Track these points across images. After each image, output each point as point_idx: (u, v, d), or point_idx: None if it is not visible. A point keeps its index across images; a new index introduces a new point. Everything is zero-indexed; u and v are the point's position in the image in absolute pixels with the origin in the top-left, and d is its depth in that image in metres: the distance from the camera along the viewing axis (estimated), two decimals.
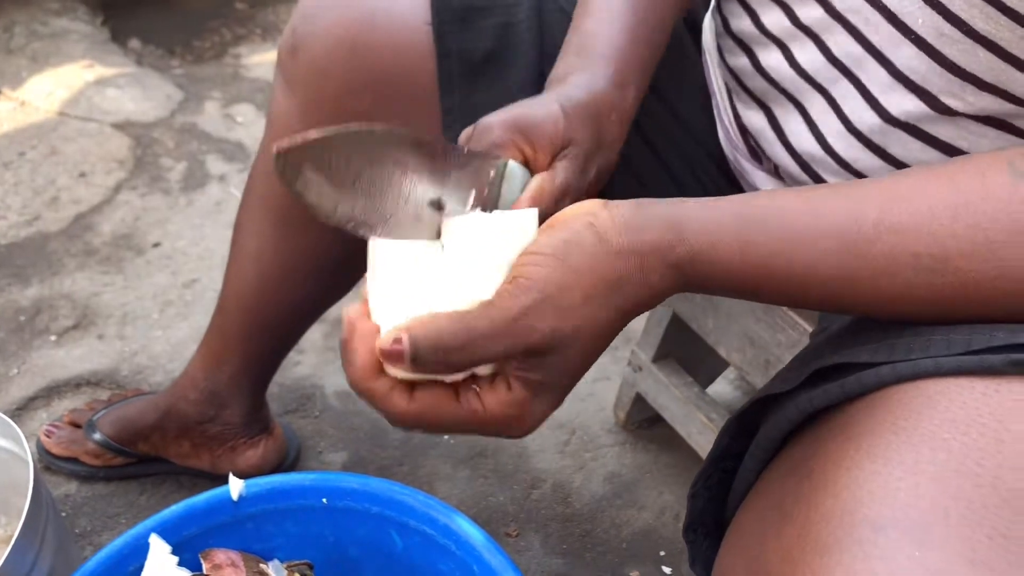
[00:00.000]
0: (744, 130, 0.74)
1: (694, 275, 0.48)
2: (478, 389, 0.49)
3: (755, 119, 0.72)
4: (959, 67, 0.56)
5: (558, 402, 0.51)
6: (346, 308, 0.50)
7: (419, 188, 0.52)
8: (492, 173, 0.56)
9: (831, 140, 0.66)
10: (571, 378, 0.50)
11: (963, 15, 0.54)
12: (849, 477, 0.40)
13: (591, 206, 0.49)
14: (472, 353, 0.46)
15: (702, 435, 1.11)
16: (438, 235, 0.54)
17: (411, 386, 0.50)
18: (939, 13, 0.55)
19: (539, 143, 0.57)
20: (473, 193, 0.55)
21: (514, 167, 0.57)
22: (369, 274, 0.52)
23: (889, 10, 0.58)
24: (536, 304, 0.46)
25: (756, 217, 0.48)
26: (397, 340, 0.46)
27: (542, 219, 0.52)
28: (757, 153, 0.74)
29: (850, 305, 0.48)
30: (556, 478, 1.21)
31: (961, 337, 0.44)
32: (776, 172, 0.73)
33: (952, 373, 0.42)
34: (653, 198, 0.49)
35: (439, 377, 0.50)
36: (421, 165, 0.52)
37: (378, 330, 0.49)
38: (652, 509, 1.19)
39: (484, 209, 0.55)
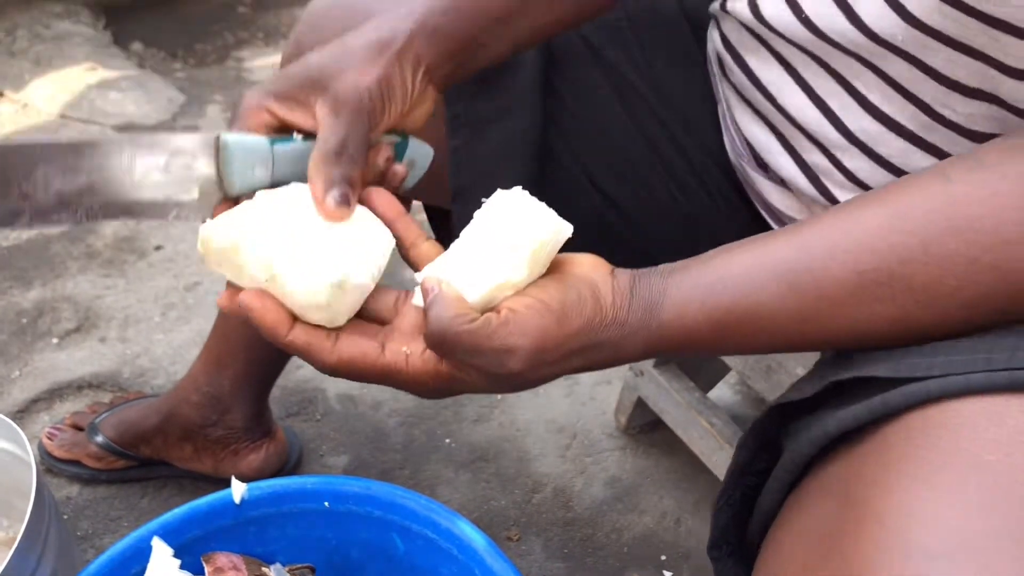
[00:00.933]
0: (749, 141, 0.75)
1: (668, 346, 0.51)
2: (408, 352, 0.51)
3: (758, 132, 0.73)
4: (944, 76, 0.57)
5: (474, 393, 0.53)
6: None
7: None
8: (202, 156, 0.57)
9: (835, 152, 0.66)
10: (499, 391, 0.53)
11: (936, 25, 0.54)
12: (893, 502, 0.39)
13: (599, 275, 0.52)
14: (446, 348, 0.49)
15: (703, 440, 1.11)
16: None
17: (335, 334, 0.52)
18: (915, 27, 0.55)
19: (283, 95, 0.58)
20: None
21: (227, 140, 0.56)
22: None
23: (871, 30, 0.59)
24: (521, 347, 0.48)
25: (715, 278, 0.50)
26: (437, 281, 0.50)
27: (342, 176, 0.55)
28: (763, 162, 0.74)
29: (818, 339, 0.49)
30: (557, 482, 1.22)
31: (981, 356, 0.43)
32: (783, 181, 0.73)
33: (982, 390, 0.42)
34: (648, 268, 0.52)
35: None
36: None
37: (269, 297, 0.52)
38: (653, 513, 1.19)
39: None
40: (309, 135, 0.58)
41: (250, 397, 1.06)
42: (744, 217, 0.79)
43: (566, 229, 0.51)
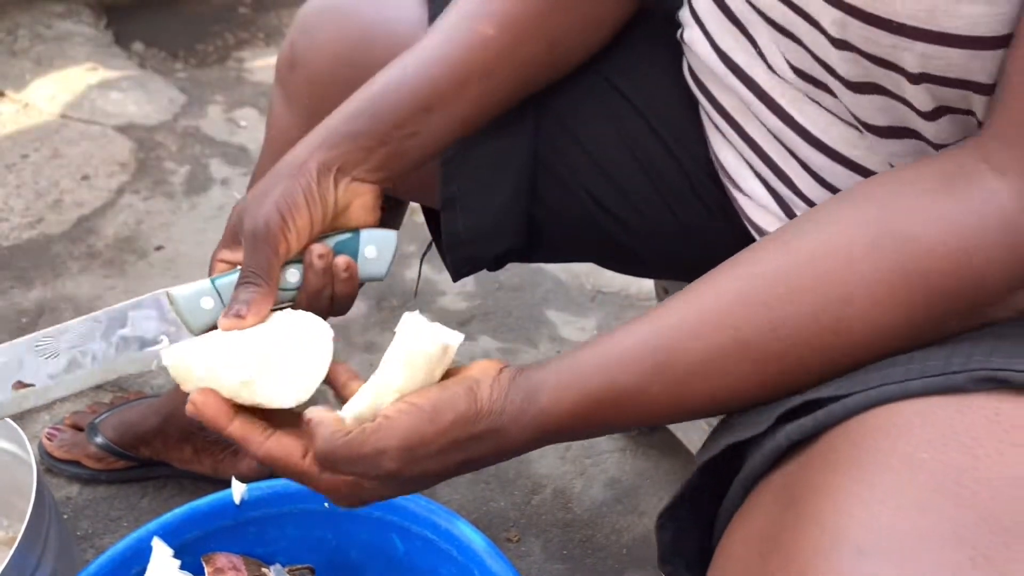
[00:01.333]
0: (721, 163, 0.75)
1: (550, 431, 0.53)
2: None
3: (728, 156, 0.73)
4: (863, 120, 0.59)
5: (386, 498, 0.57)
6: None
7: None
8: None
9: (796, 181, 0.68)
10: (407, 491, 0.57)
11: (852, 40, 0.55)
12: (832, 503, 0.40)
13: (483, 374, 0.54)
14: (335, 463, 0.53)
15: (702, 441, 1.11)
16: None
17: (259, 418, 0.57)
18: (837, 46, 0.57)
19: (226, 248, 0.66)
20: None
21: (174, 293, 0.64)
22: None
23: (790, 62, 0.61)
24: (393, 448, 0.51)
25: (584, 362, 0.52)
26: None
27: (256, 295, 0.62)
28: (737, 184, 0.74)
29: (690, 410, 0.52)
30: (557, 484, 1.22)
31: (938, 362, 0.45)
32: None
33: (919, 395, 0.43)
34: (534, 363, 0.55)
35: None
36: None
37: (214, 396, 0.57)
38: (652, 515, 1.19)
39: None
40: None
41: None
42: (740, 227, 0.79)
43: (453, 340, 0.54)
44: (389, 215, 0.95)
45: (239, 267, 0.63)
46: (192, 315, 0.64)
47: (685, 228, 0.80)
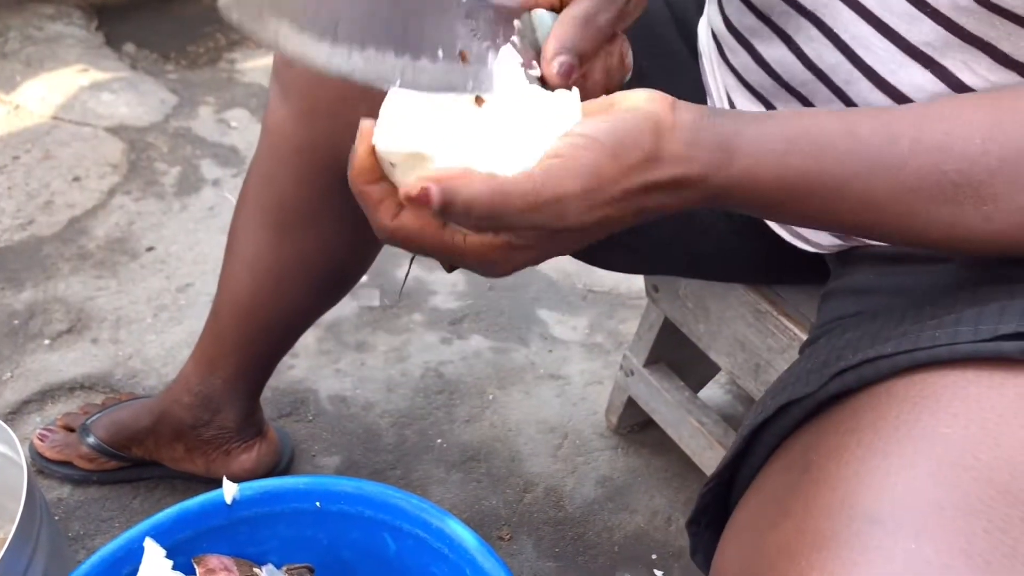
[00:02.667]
0: None
1: (728, 197, 0.48)
2: (465, 232, 0.48)
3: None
4: (977, 37, 0.56)
5: (539, 261, 0.51)
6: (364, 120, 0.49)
7: (437, 36, 0.50)
8: (518, 25, 0.55)
9: None
10: (565, 250, 0.50)
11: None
12: (848, 471, 0.40)
13: (660, 106, 0.48)
14: (499, 222, 0.45)
15: (693, 439, 1.12)
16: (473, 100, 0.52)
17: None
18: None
19: None
20: (508, 47, 0.54)
21: (541, 15, 0.56)
22: (386, 104, 0.50)
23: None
24: (573, 193, 0.45)
25: (797, 135, 0.48)
26: (425, 190, 0.44)
27: (578, 45, 0.52)
28: None
29: (879, 226, 0.48)
30: (548, 482, 1.22)
31: (987, 327, 0.44)
32: None
33: (965, 360, 0.43)
34: (712, 108, 0.49)
35: None
36: (442, 11, 0.50)
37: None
38: (644, 512, 1.20)
39: (524, 65, 0.54)
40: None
41: (242, 397, 1.07)
42: (740, 217, 0.80)
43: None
44: None
45: (536, 10, 0.56)
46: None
47: (682, 214, 0.80)
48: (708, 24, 0.78)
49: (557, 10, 0.57)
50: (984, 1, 0.53)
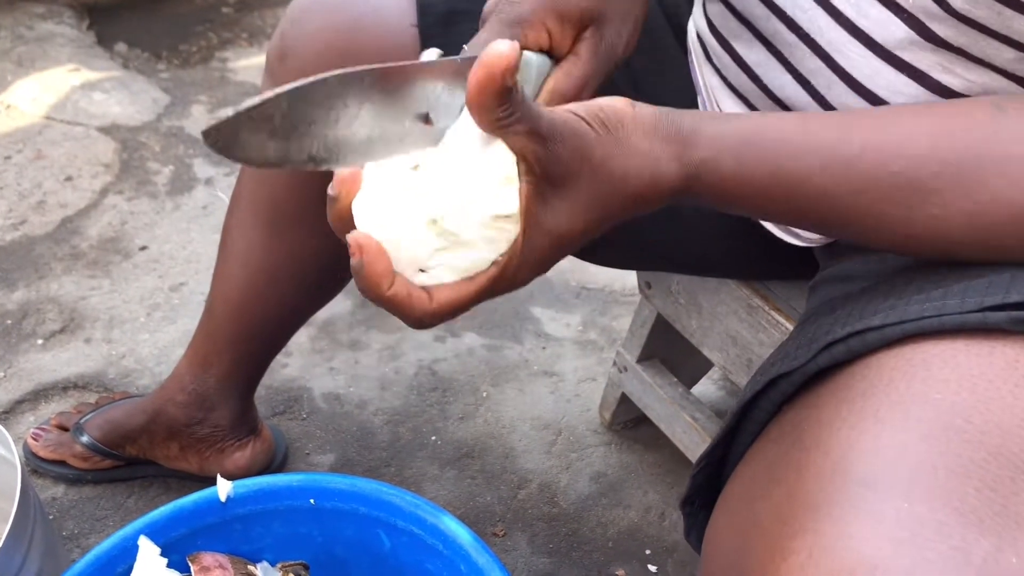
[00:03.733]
0: None
1: (697, 184, 0.50)
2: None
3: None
4: (947, 42, 0.57)
5: (541, 272, 0.52)
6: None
7: (393, 111, 0.50)
8: None
9: None
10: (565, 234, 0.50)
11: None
12: (840, 437, 0.41)
13: (619, 102, 0.50)
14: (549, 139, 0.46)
15: (687, 435, 1.12)
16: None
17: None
18: None
19: (568, 17, 0.57)
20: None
21: (529, 57, 0.56)
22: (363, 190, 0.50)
23: None
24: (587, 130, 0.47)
25: (754, 132, 0.50)
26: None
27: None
28: None
29: (836, 224, 0.50)
30: (542, 478, 1.22)
31: (974, 299, 0.45)
32: None
33: (954, 331, 0.43)
34: (673, 108, 0.51)
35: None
36: (398, 89, 0.50)
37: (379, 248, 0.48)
38: (638, 508, 1.20)
39: None
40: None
41: (236, 395, 1.07)
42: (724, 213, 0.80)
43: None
44: None
45: (526, 51, 0.56)
46: (525, 84, 0.56)
47: (671, 210, 0.81)
48: (695, 24, 0.79)
49: (547, 52, 0.58)
50: (953, 11, 0.54)
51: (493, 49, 0.42)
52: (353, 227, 0.48)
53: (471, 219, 0.47)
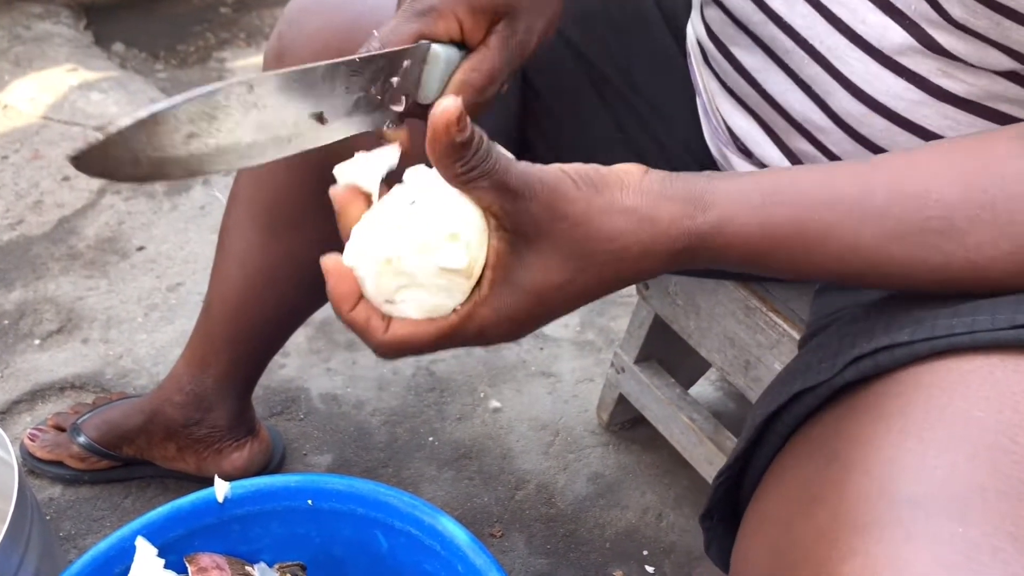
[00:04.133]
0: (731, 130, 0.75)
1: (710, 246, 0.48)
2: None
3: (741, 121, 0.73)
4: (946, 49, 0.57)
5: (519, 329, 0.51)
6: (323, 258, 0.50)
7: (285, 113, 0.52)
8: (407, 63, 0.55)
9: (819, 136, 0.67)
10: (543, 307, 0.50)
11: (942, 3, 0.54)
12: (882, 456, 0.40)
13: (632, 167, 0.49)
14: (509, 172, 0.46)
15: (684, 435, 1.12)
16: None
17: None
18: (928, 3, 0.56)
19: (479, 7, 0.57)
20: (394, 82, 0.55)
21: (437, 50, 0.57)
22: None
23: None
24: (576, 181, 0.47)
25: (774, 188, 0.48)
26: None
27: (472, 106, 0.55)
28: (746, 150, 0.75)
29: (859, 273, 0.49)
30: (540, 479, 1.22)
31: (1005, 316, 0.44)
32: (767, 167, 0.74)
33: (986, 347, 0.43)
34: (688, 172, 0.50)
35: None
36: (293, 91, 0.51)
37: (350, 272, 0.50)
38: (635, 509, 1.20)
39: (396, 104, 0.56)
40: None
41: (233, 396, 1.07)
42: None
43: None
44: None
45: (435, 44, 0.57)
46: (432, 80, 0.57)
47: None
48: (693, 28, 0.79)
49: (457, 43, 0.58)
50: (953, 20, 0.54)
51: (438, 106, 0.43)
52: (353, 303, 0.50)
53: (423, 265, 0.48)
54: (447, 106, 0.43)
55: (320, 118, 0.53)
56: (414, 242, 0.48)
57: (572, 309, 0.50)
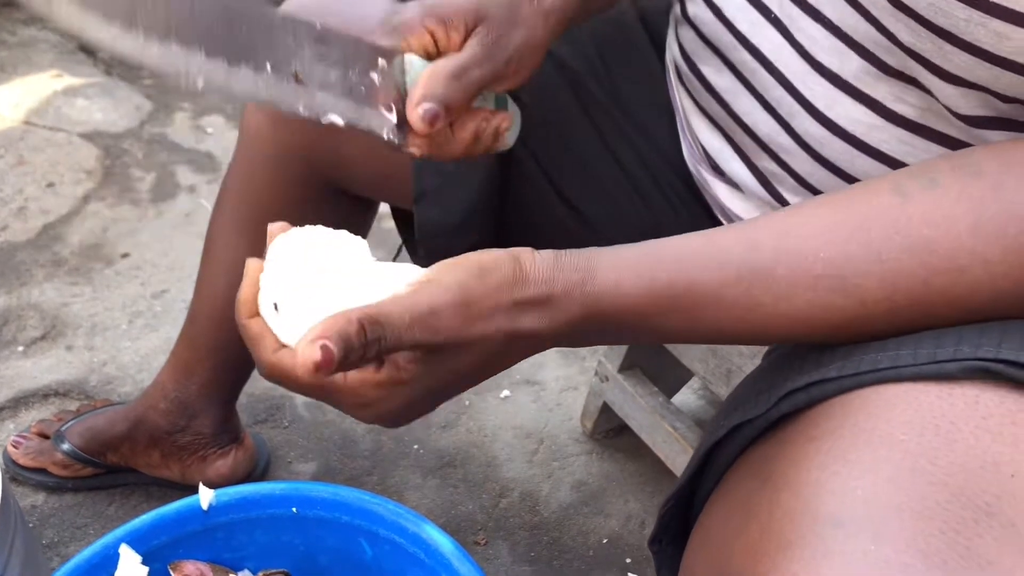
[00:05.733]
0: (704, 147, 0.76)
1: (600, 312, 0.49)
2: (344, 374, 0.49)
3: (712, 139, 0.74)
4: (901, 72, 0.58)
5: (422, 405, 0.51)
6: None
7: (267, 49, 0.53)
8: (383, 64, 0.57)
9: (784, 157, 0.68)
10: (439, 392, 0.51)
11: (891, 28, 0.56)
12: (810, 477, 0.41)
13: (519, 249, 0.51)
14: (386, 344, 0.46)
15: (667, 444, 1.13)
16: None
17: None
18: (873, 25, 0.57)
19: (450, 21, 0.59)
20: (374, 77, 0.57)
21: (411, 59, 0.58)
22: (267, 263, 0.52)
23: (832, 22, 0.60)
24: (445, 302, 0.47)
25: (659, 254, 0.49)
26: (325, 348, 0.44)
27: (444, 96, 0.56)
28: (718, 167, 0.76)
29: (760, 331, 0.50)
30: (524, 487, 1.23)
31: (927, 350, 0.45)
32: (737, 185, 0.75)
33: (910, 379, 0.44)
34: (574, 249, 0.51)
35: None
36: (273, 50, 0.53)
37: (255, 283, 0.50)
38: (618, 517, 1.21)
39: (387, 110, 0.57)
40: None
41: (218, 403, 1.07)
42: (705, 226, 0.81)
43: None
44: (357, 221, 0.96)
45: (409, 54, 0.59)
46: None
47: (652, 227, 0.82)
48: (669, 47, 0.80)
49: (432, 58, 0.60)
50: (900, 44, 0.55)
51: (300, 354, 0.44)
52: (253, 311, 0.51)
53: (302, 326, 0.47)
54: (308, 356, 0.43)
55: (296, 77, 0.54)
56: (298, 304, 0.48)
57: (463, 388, 0.51)
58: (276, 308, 0.49)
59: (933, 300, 0.47)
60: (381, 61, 0.57)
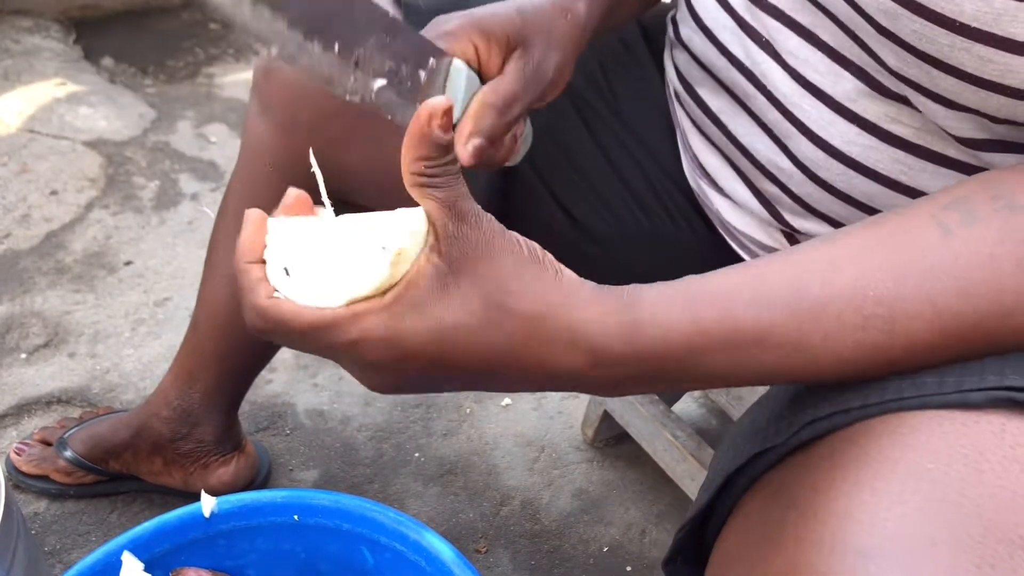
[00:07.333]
0: (704, 167, 0.77)
1: (642, 344, 0.46)
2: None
3: (712, 160, 0.75)
4: (895, 93, 0.58)
5: (409, 367, 0.47)
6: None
7: (340, 30, 0.54)
8: (433, 62, 0.58)
9: (783, 179, 0.68)
10: (439, 359, 0.46)
11: (879, 53, 0.56)
12: (837, 506, 0.41)
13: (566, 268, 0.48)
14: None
15: (667, 452, 1.13)
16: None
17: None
18: (863, 50, 0.57)
19: (493, 35, 0.60)
20: (421, 75, 0.58)
21: (458, 66, 0.60)
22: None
23: (826, 43, 0.61)
24: (520, 261, 0.46)
25: (702, 291, 0.47)
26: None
27: (491, 131, 0.58)
28: (719, 186, 0.76)
29: (801, 371, 0.48)
30: (525, 495, 1.23)
31: (952, 379, 0.45)
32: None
33: (934, 407, 0.43)
34: (612, 286, 0.48)
35: None
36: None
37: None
38: (619, 525, 1.21)
39: (418, 100, 0.58)
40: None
41: (220, 411, 1.07)
42: (707, 240, 0.81)
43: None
44: None
45: (457, 60, 0.59)
46: (453, 92, 0.59)
47: (653, 240, 0.82)
48: (667, 67, 0.81)
49: (475, 64, 0.61)
50: (889, 69, 0.56)
51: (428, 101, 0.42)
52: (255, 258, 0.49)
53: (318, 284, 0.46)
54: (437, 101, 0.42)
55: (356, 61, 0.55)
56: (307, 268, 0.47)
57: (464, 379, 0.47)
58: (287, 272, 0.47)
59: (978, 341, 0.46)
60: (432, 60, 0.58)
